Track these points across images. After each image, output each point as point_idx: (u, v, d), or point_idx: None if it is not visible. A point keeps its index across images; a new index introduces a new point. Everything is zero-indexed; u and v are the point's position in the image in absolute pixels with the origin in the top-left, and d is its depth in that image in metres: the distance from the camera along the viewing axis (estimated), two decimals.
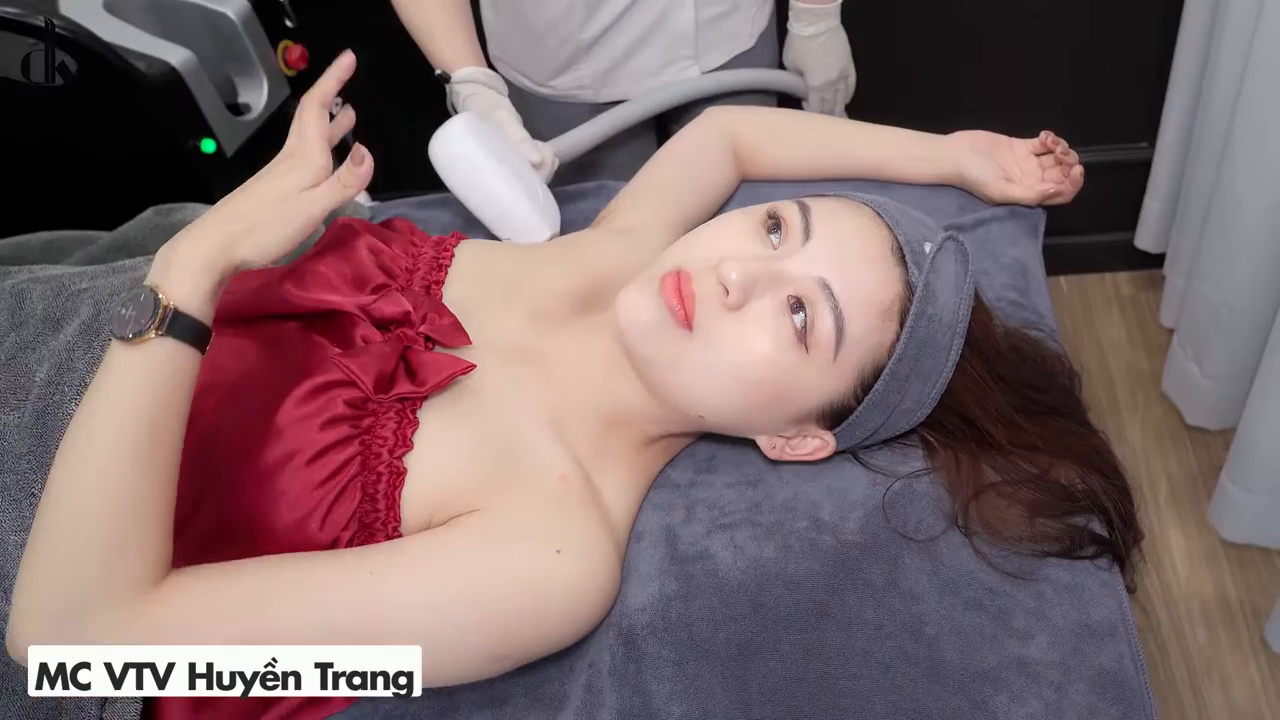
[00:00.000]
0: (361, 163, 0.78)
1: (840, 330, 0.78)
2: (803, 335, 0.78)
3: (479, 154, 1.06)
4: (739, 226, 0.83)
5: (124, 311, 0.71)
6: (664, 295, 0.79)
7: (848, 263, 0.79)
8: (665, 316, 0.79)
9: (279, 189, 0.78)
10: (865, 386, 0.82)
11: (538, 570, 0.76)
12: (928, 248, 0.81)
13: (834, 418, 0.84)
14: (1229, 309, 1.66)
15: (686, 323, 0.79)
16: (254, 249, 0.75)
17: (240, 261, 0.75)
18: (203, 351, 0.74)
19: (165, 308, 0.71)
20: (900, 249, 0.81)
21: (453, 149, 1.07)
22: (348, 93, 1.83)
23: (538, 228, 1.07)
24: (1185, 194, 1.84)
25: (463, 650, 0.75)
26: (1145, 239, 2.03)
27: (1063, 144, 1.09)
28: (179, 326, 0.72)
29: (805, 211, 0.82)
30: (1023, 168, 1.11)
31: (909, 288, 0.80)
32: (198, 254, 0.73)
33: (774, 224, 0.82)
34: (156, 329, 0.71)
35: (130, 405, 0.71)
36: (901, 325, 0.80)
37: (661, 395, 0.84)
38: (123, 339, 0.71)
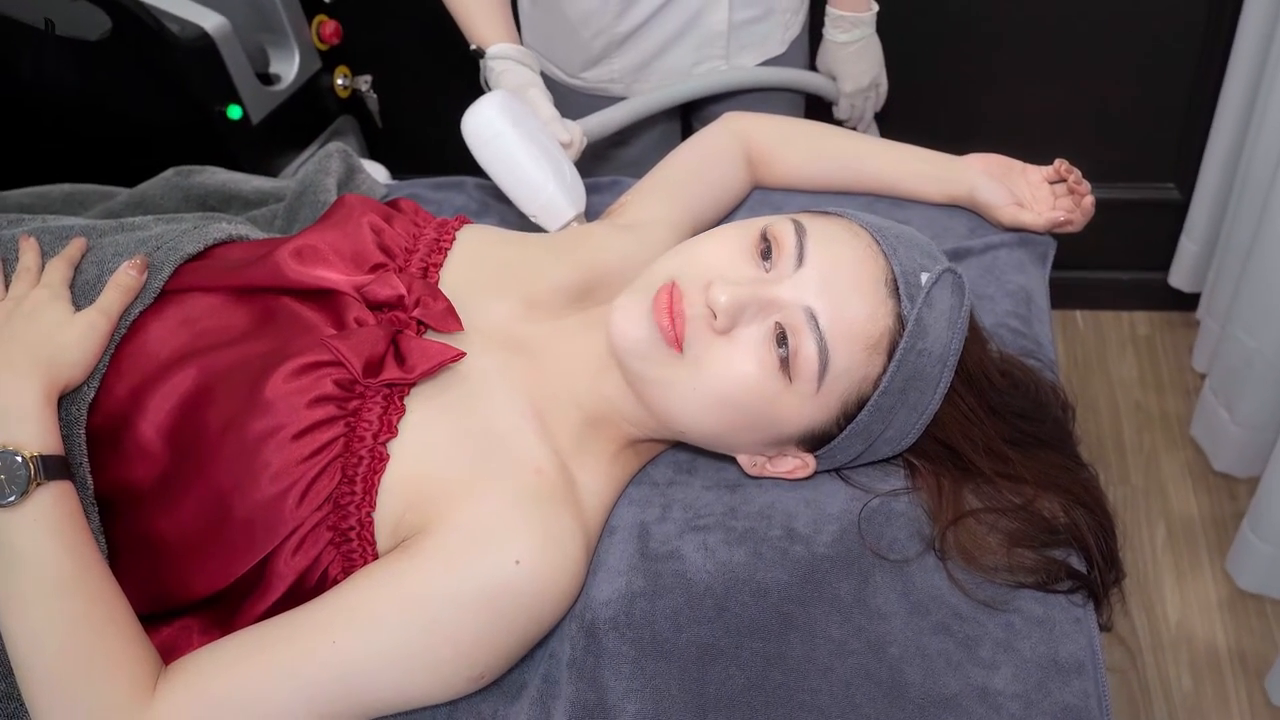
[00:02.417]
0: (143, 271, 0.87)
1: (824, 362, 0.77)
2: (788, 364, 0.78)
3: (509, 131, 1.08)
4: (734, 244, 0.82)
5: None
6: (655, 314, 0.79)
7: (838, 293, 0.78)
8: (656, 335, 0.79)
9: (54, 314, 0.83)
10: (848, 416, 0.81)
11: (498, 587, 0.75)
12: (924, 278, 0.80)
13: (815, 442, 0.84)
14: (1264, 357, 1.64)
15: (677, 344, 0.79)
16: (75, 369, 0.81)
17: (66, 384, 0.80)
18: (72, 478, 0.78)
19: (32, 459, 0.75)
20: (894, 280, 0.79)
21: (484, 125, 1.08)
22: (380, 71, 1.86)
23: (563, 207, 1.08)
24: (1225, 238, 1.83)
25: (441, 678, 0.76)
26: (1180, 277, 2.01)
27: (1076, 173, 1.08)
28: (51, 468, 0.76)
29: (800, 233, 0.80)
30: (1034, 194, 1.10)
31: (900, 321, 0.79)
32: (31, 394, 0.77)
33: (768, 244, 0.81)
34: (36, 482, 0.74)
35: (45, 559, 0.74)
36: (890, 358, 0.79)
37: (646, 406, 0.84)
38: (5, 506, 0.74)
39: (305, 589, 0.79)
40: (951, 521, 0.82)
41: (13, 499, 0.73)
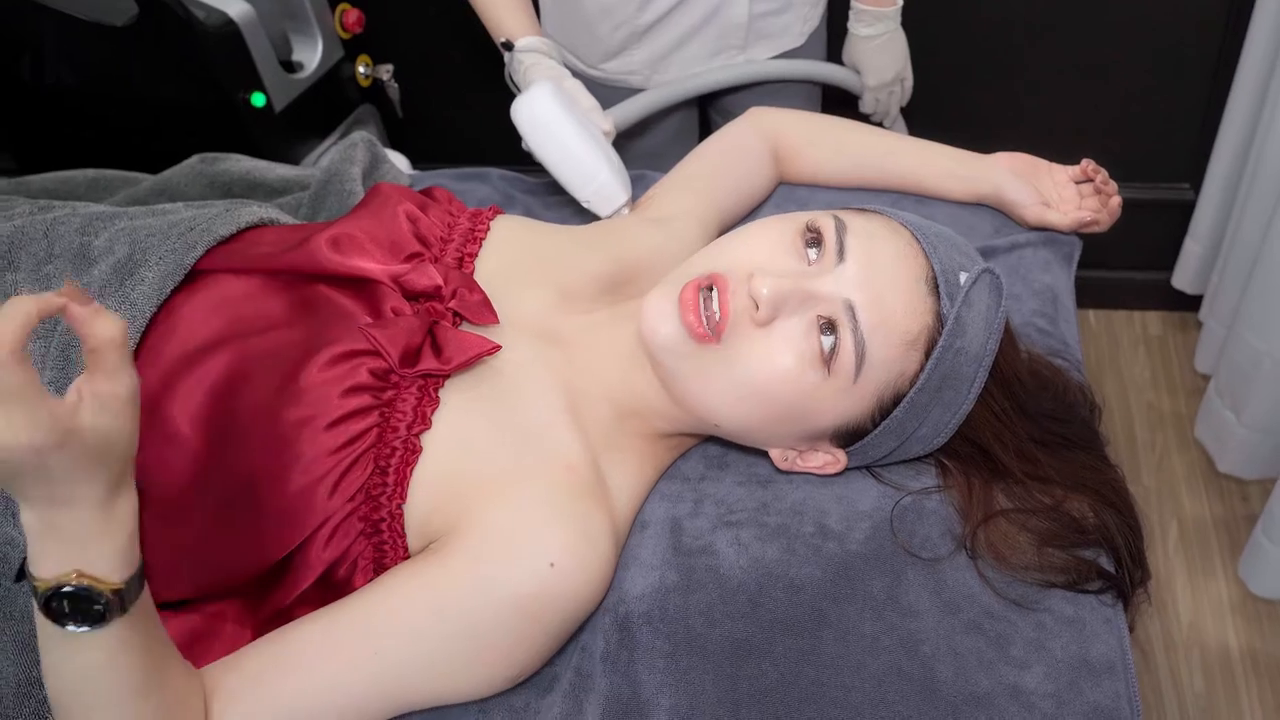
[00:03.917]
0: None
1: (861, 355, 0.78)
2: (827, 356, 0.78)
3: (564, 119, 1.09)
4: (776, 235, 0.83)
5: (60, 609, 0.62)
6: (681, 312, 0.79)
7: (878, 288, 0.78)
8: (684, 332, 0.79)
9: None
10: (884, 412, 0.81)
11: (534, 591, 0.75)
12: (963, 278, 0.81)
13: (848, 438, 0.84)
14: (1273, 359, 1.64)
15: (707, 338, 0.79)
16: (129, 459, 0.64)
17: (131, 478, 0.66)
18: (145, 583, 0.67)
19: (113, 594, 0.63)
20: (934, 278, 0.80)
21: (540, 113, 1.09)
22: (402, 61, 1.86)
23: (616, 192, 1.10)
24: (1230, 239, 1.82)
25: (479, 680, 0.77)
26: (1183, 279, 2.01)
27: (1103, 173, 1.08)
28: (133, 590, 0.64)
29: (841, 229, 0.81)
30: (1061, 194, 1.10)
31: (939, 319, 0.79)
32: (108, 524, 0.62)
33: (812, 238, 0.81)
34: (121, 612, 0.64)
35: (115, 672, 0.66)
36: (927, 356, 0.79)
37: (679, 400, 0.84)
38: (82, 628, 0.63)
39: (335, 579, 0.80)
40: (982, 521, 0.83)
41: (88, 629, 0.63)
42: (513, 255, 0.93)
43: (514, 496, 0.79)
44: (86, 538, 0.62)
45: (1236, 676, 1.59)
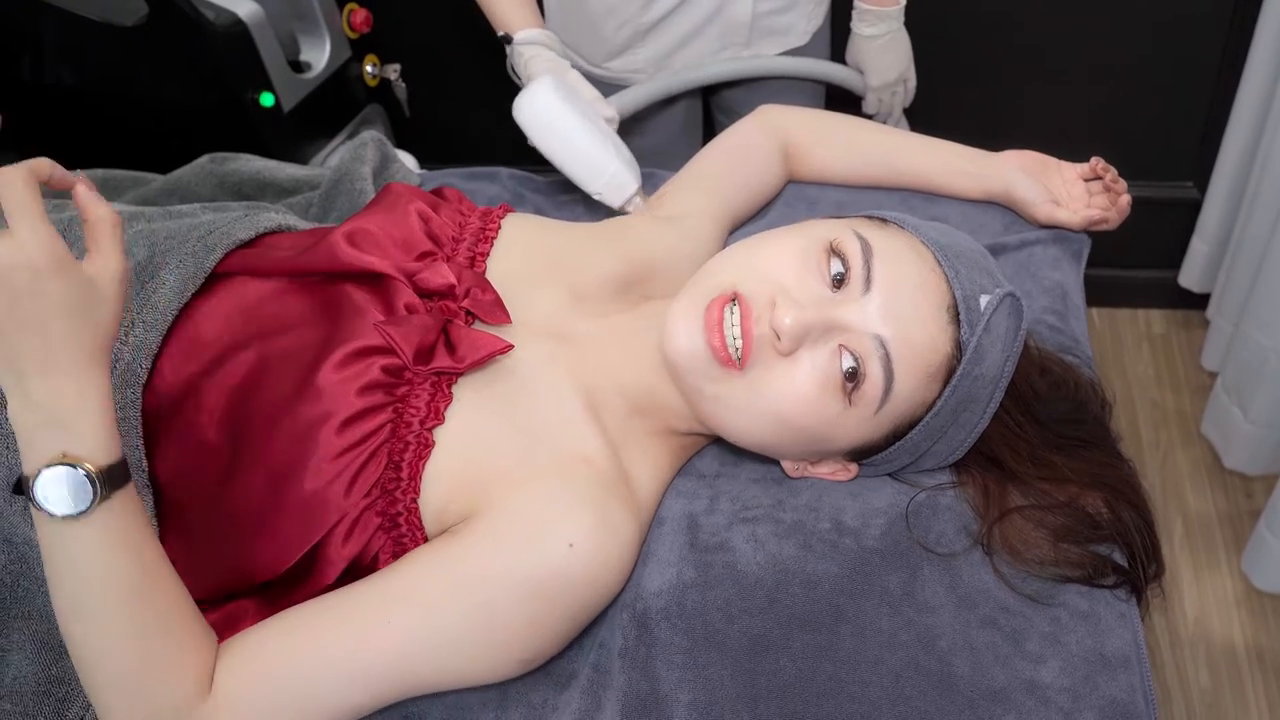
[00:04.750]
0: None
1: (888, 390, 0.78)
2: (850, 389, 0.78)
3: (569, 113, 1.09)
4: (798, 254, 0.81)
5: (50, 496, 0.67)
6: (707, 333, 0.79)
7: (902, 320, 0.78)
8: (709, 353, 0.79)
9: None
10: (899, 435, 0.82)
11: (551, 571, 0.76)
12: (984, 301, 0.80)
13: (861, 455, 0.85)
14: (1279, 356, 1.65)
15: (731, 363, 0.79)
16: (109, 339, 0.69)
17: (108, 361, 0.70)
18: (132, 478, 0.71)
19: (98, 473, 0.67)
20: (955, 306, 0.79)
21: (544, 109, 1.09)
22: (409, 60, 1.86)
23: (627, 181, 1.10)
24: (1238, 237, 1.83)
25: (492, 661, 0.77)
26: (1190, 278, 2.02)
27: (1112, 171, 1.08)
28: (117, 476, 0.69)
29: (868, 253, 0.79)
30: (1070, 192, 1.10)
31: (959, 347, 0.79)
32: (86, 394, 0.67)
33: (835, 260, 0.80)
34: (103, 497, 0.67)
35: (112, 570, 0.69)
36: (945, 383, 0.79)
37: (697, 414, 0.85)
38: (68, 519, 0.67)
39: (358, 574, 0.80)
40: (998, 518, 0.83)
41: (76, 514, 0.68)
42: (524, 254, 0.93)
43: (533, 486, 0.79)
44: (67, 415, 0.67)
45: (1242, 671, 1.60)
